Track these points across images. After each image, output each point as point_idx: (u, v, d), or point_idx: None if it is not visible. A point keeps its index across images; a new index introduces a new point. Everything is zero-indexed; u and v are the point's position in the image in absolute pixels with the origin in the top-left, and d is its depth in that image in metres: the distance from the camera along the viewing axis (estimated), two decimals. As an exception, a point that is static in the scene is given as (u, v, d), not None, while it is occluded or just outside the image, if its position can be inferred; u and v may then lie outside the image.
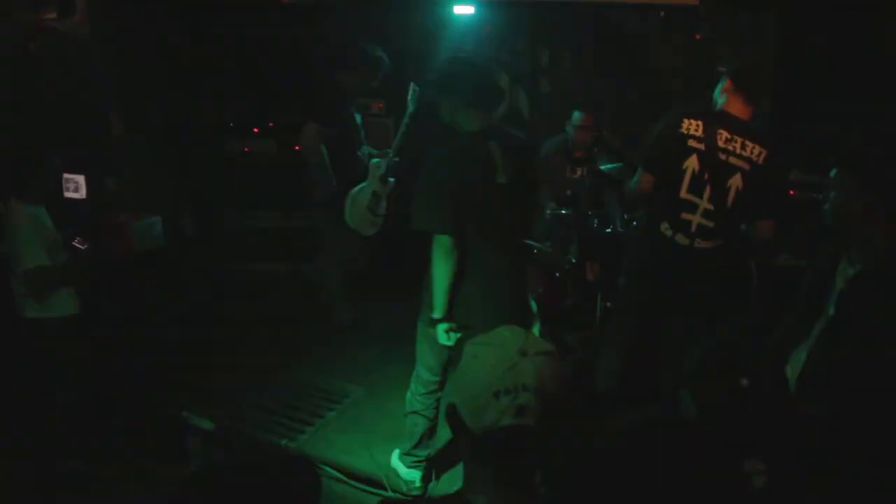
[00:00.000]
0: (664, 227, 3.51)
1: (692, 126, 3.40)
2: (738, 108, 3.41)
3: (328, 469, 3.79)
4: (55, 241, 3.76)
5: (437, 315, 3.11)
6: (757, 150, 3.35)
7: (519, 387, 1.34)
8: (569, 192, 4.92)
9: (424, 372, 3.46)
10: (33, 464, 3.75)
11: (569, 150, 5.11)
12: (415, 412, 3.54)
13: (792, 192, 4.52)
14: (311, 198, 4.93)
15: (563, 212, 4.79)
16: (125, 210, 5.09)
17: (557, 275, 4.81)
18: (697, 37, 5.28)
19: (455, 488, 1.47)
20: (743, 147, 3.36)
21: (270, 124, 5.82)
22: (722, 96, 3.46)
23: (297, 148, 5.08)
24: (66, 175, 4.10)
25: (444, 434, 3.48)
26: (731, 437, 1.95)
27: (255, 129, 5.79)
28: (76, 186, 3.99)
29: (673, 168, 3.42)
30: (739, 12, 4.87)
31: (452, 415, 1.42)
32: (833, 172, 2.58)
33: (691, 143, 3.39)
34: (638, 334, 3.75)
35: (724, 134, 3.37)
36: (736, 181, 3.36)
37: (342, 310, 5.31)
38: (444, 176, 3.02)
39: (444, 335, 3.11)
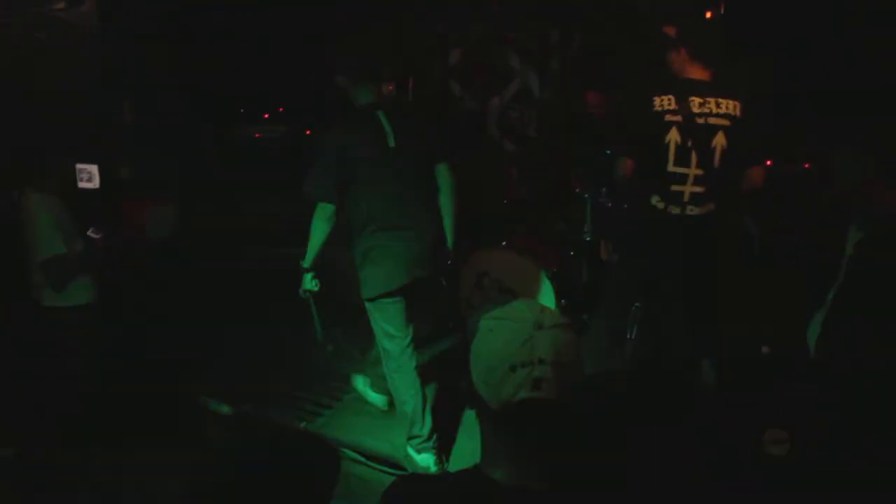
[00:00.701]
0: (655, 199, 3.56)
1: (664, 101, 3.47)
2: (698, 73, 3.49)
3: (347, 451, 3.81)
4: (71, 231, 3.79)
5: (306, 265, 3.59)
6: (731, 104, 3.44)
7: (535, 360, 1.34)
8: (581, 171, 4.91)
9: (386, 342, 3.65)
10: (54, 450, 3.79)
11: None
12: (398, 395, 3.70)
13: (807, 165, 4.51)
14: None
15: (577, 191, 4.79)
16: (139, 198, 5.11)
17: (572, 253, 4.81)
18: (709, 14, 5.22)
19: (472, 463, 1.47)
20: (718, 105, 3.44)
21: (280, 108, 5.82)
22: (679, 66, 3.53)
23: (307, 133, 5.08)
24: (79, 165, 4.12)
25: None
26: (751, 405, 1.97)
27: (266, 115, 5.79)
28: (90, 176, 3.99)
29: (655, 146, 3.48)
30: None
31: (470, 389, 1.42)
32: (837, 147, 2.63)
33: (668, 117, 3.45)
34: (643, 308, 3.84)
35: (696, 100, 3.44)
36: (719, 140, 3.43)
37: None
38: (332, 149, 3.39)
39: (310, 282, 3.63)
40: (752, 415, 3.23)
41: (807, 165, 4.55)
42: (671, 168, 3.46)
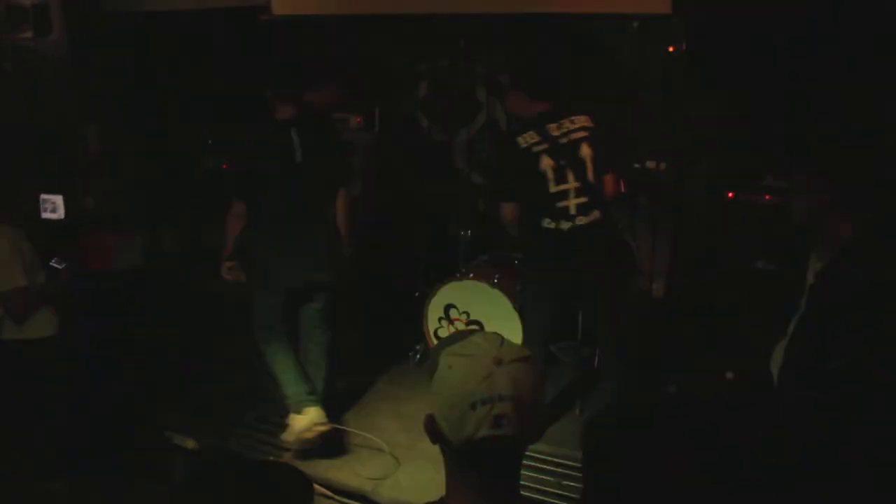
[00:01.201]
0: (546, 222, 3.81)
1: (526, 138, 3.80)
2: (539, 107, 3.86)
3: (316, 486, 3.77)
4: (33, 262, 3.75)
5: (224, 256, 4.04)
6: (582, 118, 3.84)
7: (495, 397, 1.33)
8: None
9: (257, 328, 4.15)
10: (16, 485, 3.72)
11: None
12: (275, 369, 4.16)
13: (768, 197, 4.61)
14: None
15: None
16: (104, 229, 5.06)
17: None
18: (671, 49, 5.32)
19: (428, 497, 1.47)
20: (572, 122, 3.81)
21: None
22: (521, 106, 3.94)
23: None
24: (43, 196, 4.08)
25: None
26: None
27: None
28: (54, 207, 3.97)
29: (532, 177, 3.78)
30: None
31: (431, 425, 1.42)
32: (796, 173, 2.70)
33: (535, 149, 3.77)
34: (551, 320, 4.08)
35: (552, 126, 3.80)
36: (585, 150, 3.78)
37: None
38: (246, 156, 4.00)
39: (226, 270, 4.06)
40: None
41: (767, 197, 4.64)
42: (553, 189, 3.77)
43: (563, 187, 3.77)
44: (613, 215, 3.97)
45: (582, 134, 3.79)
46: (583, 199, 3.77)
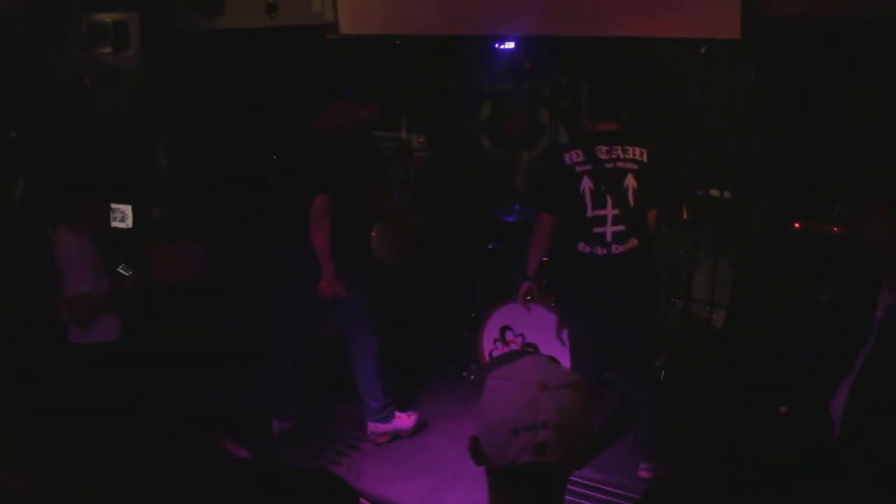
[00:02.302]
0: (581, 246, 3.78)
1: (573, 155, 3.75)
2: (603, 126, 3.81)
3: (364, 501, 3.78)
4: (101, 269, 3.86)
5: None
6: (637, 150, 3.73)
7: (539, 424, 1.30)
8: None
9: None
10: (69, 484, 3.80)
11: None
12: None
13: (836, 229, 4.48)
14: None
15: None
16: (169, 240, 5.19)
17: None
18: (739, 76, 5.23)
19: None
20: (624, 151, 3.73)
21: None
22: (587, 124, 3.90)
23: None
24: (114, 205, 4.21)
25: None
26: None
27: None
28: (123, 216, 4.10)
29: (571, 196, 3.75)
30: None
31: (475, 447, 1.40)
32: (858, 204, 2.63)
33: (578, 168, 3.73)
34: (595, 343, 4.04)
35: (603, 148, 3.73)
36: (630, 181, 3.71)
37: None
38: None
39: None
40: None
41: (836, 229, 4.50)
42: (590, 213, 3.73)
43: (600, 213, 3.73)
44: (652, 246, 3.93)
45: (631, 166, 3.72)
46: (620, 228, 3.73)
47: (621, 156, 3.72)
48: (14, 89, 5.15)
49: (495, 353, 4.89)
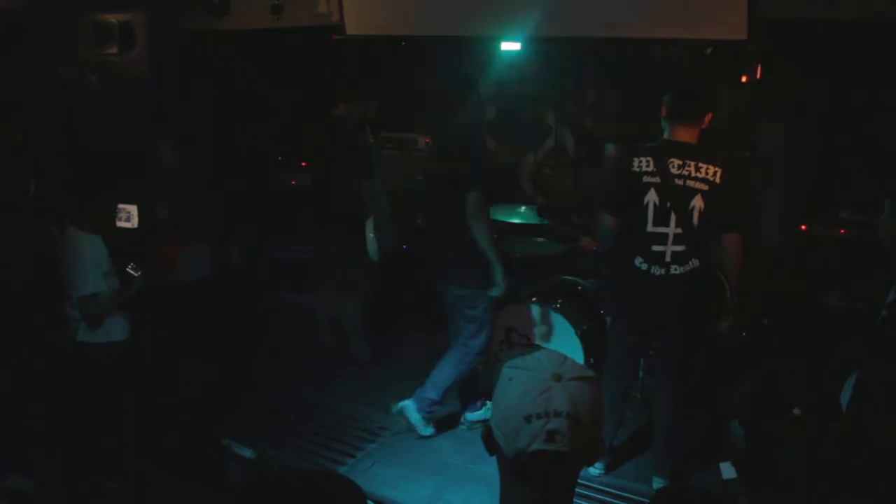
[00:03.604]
0: (638, 261, 3.60)
1: (642, 163, 3.54)
2: (681, 135, 3.55)
3: (369, 502, 3.77)
4: (109, 269, 3.87)
5: None
6: (711, 169, 3.46)
7: (551, 412, 1.32)
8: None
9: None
10: (78, 483, 3.81)
11: None
12: None
13: (843, 231, 4.47)
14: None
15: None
16: (174, 240, 5.19)
17: (602, 311, 4.77)
18: (744, 78, 5.24)
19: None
20: (697, 169, 3.47)
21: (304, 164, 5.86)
22: (665, 126, 3.61)
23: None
24: (119, 205, 4.22)
25: None
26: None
27: (303, 164, 5.86)
28: (128, 216, 4.09)
29: (635, 206, 3.56)
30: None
31: (488, 436, 1.42)
32: (887, 203, 2.61)
33: (646, 178, 3.52)
34: (635, 355, 3.98)
35: (676, 161, 3.49)
36: (698, 202, 3.47)
37: (359, 343, 5.38)
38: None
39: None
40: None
41: (843, 231, 4.50)
42: (650, 228, 3.54)
43: (661, 230, 3.53)
44: (711, 268, 3.74)
45: (701, 186, 3.46)
46: (681, 248, 3.52)
47: (693, 173, 3.47)
48: (22, 90, 5.17)
49: (500, 356, 4.87)
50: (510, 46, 5.14)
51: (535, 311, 4.64)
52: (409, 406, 4.36)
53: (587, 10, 4.40)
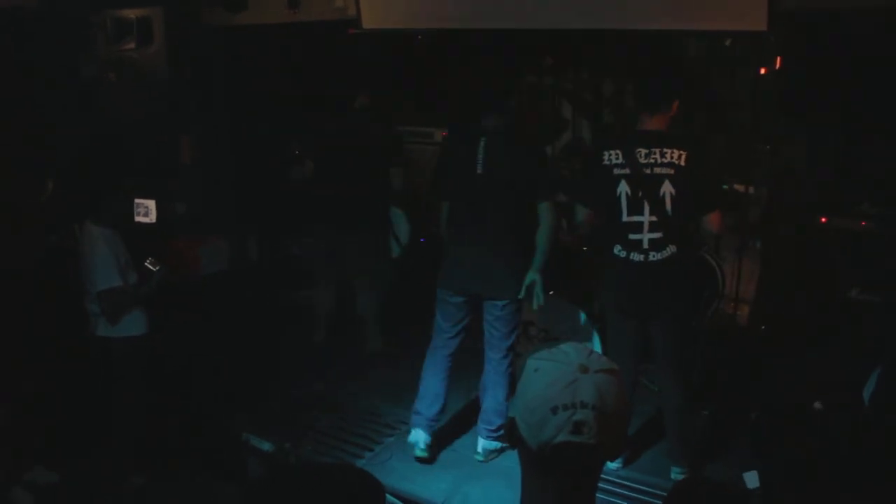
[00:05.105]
0: (617, 249, 3.71)
1: (612, 156, 3.65)
2: (649, 123, 3.65)
3: (387, 496, 3.77)
4: (127, 263, 3.89)
5: None
6: (676, 153, 3.55)
7: (577, 403, 1.31)
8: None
9: (435, 330, 4.26)
10: (98, 477, 3.84)
11: None
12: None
13: (863, 223, 4.42)
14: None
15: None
16: (192, 235, 5.21)
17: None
18: (763, 70, 5.18)
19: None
20: (662, 155, 3.56)
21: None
22: (633, 116, 3.76)
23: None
24: (137, 200, 4.24)
25: None
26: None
27: (321, 155, 5.84)
28: (147, 211, 4.10)
29: (608, 198, 3.67)
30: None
31: (512, 428, 1.41)
32: None
33: (616, 171, 3.64)
34: (634, 342, 3.93)
35: (643, 150, 3.60)
36: (667, 187, 3.57)
37: (376, 337, 5.38)
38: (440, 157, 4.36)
39: None
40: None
41: (863, 223, 4.45)
42: (626, 218, 3.64)
43: (636, 219, 3.63)
44: (692, 251, 3.84)
45: (667, 171, 3.56)
46: (657, 235, 3.62)
47: (659, 160, 3.57)
48: (39, 87, 5.20)
49: (519, 349, 4.86)
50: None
51: (553, 304, 4.63)
52: (487, 444, 4.16)
53: (606, 2, 4.38)
